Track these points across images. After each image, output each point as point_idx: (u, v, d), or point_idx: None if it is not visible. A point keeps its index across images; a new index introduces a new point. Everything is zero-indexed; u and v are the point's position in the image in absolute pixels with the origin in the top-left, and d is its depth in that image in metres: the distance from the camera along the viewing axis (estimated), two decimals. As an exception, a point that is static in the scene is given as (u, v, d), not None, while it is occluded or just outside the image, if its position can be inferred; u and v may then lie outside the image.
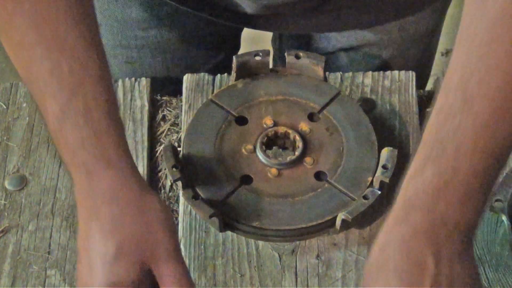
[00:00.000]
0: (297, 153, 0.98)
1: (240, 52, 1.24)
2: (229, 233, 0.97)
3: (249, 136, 1.00)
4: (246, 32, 1.28)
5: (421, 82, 1.15)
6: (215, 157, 0.98)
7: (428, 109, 1.10)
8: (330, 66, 1.20)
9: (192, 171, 0.97)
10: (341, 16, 1.09)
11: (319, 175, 0.98)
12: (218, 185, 0.96)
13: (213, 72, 1.11)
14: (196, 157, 0.98)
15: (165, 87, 1.17)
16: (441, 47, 1.34)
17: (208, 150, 0.99)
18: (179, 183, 0.95)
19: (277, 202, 0.95)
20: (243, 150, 0.99)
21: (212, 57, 1.26)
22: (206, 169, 0.97)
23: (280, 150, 1.02)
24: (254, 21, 1.11)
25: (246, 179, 0.97)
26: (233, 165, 0.98)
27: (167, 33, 1.19)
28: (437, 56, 1.36)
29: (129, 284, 0.78)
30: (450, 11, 1.23)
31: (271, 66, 1.05)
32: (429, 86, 1.40)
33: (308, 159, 0.98)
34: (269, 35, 1.36)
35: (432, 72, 1.35)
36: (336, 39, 1.20)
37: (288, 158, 0.98)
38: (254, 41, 1.42)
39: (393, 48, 1.19)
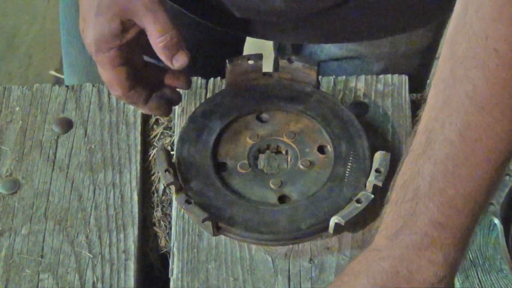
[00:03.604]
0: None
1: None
2: (222, 237, 0.97)
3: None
4: (249, 40, 1.28)
5: (417, 89, 1.14)
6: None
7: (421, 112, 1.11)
8: (322, 74, 1.20)
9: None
10: (333, 29, 1.09)
11: None
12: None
13: (212, 76, 1.10)
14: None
15: None
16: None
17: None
18: (172, 187, 0.95)
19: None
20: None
21: (211, 63, 1.25)
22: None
23: (273, 154, 1.02)
24: (247, 29, 1.11)
25: None
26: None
27: None
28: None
29: (111, 35, 0.91)
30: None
31: (270, 69, 1.05)
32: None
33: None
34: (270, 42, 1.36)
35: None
36: (329, 49, 1.20)
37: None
38: (257, 45, 1.42)
39: (385, 62, 1.19)
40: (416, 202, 0.75)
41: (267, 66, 1.08)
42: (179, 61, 0.93)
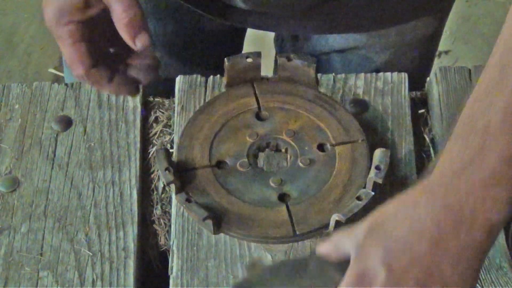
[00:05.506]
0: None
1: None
2: (221, 234, 0.97)
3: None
4: (249, 34, 1.27)
5: (417, 86, 1.14)
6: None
7: (421, 110, 1.11)
8: (324, 67, 1.19)
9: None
10: (337, 19, 1.09)
11: None
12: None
13: (211, 72, 1.10)
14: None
15: (158, 87, 1.17)
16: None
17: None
18: (172, 186, 0.95)
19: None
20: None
21: (210, 58, 1.25)
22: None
23: (273, 152, 1.02)
24: (249, 20, 1.10)
25: None
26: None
27: (168, 26, 1.18)
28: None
29: (73, 8, 0.89)
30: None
31: (268, 67, 1.05)
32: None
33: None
34: (271, 37, 1.36)
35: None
36: (333, 40, 1.20)
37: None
38: (258, 43, 1.41)
39: (390, 51, 1.19)
40: (486, 137, 0.72)
41: (268, 64, 1.08)
42: (142, 41, 0.91)
